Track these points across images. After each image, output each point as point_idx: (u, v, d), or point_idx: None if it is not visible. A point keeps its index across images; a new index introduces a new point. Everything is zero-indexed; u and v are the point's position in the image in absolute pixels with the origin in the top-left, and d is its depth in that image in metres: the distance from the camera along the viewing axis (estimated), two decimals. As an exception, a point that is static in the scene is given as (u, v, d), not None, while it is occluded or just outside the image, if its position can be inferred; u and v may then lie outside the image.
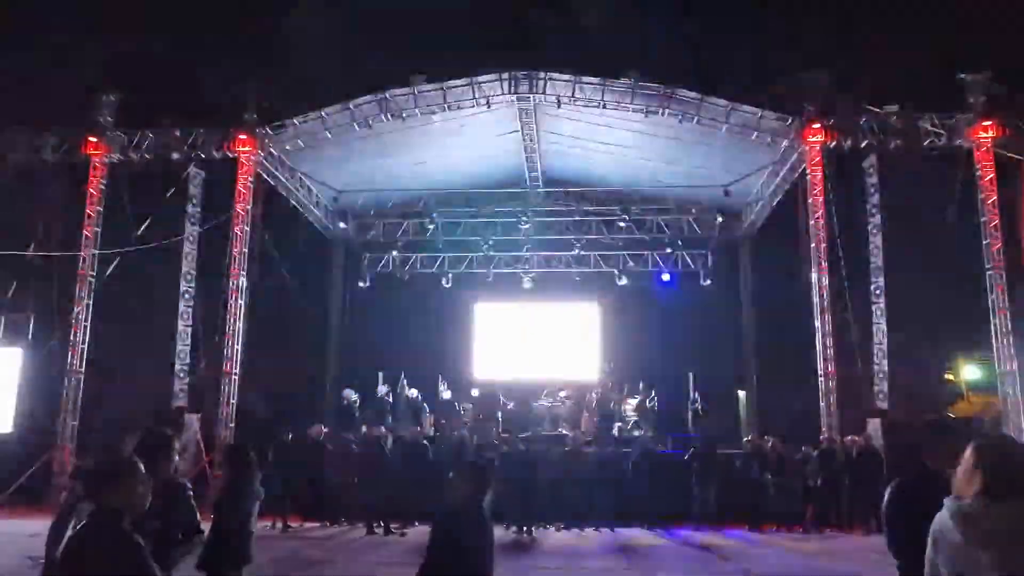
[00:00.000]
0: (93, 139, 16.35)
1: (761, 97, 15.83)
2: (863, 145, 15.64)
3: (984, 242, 14.95)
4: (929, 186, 16.13)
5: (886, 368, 16.00)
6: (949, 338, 20.08)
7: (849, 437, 13.98)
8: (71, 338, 15.97)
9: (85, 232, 16.29)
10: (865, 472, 12.56)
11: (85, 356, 16.05)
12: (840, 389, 14.98)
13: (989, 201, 14.98)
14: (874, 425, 14.75)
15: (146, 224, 16.31)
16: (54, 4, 19.20)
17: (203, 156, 16.48)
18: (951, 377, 23.54)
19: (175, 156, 16.45)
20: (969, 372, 23.37)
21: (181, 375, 16.69)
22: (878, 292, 16.33)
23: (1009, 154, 15.01)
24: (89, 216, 16.37)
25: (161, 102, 17.13)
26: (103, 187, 16.57)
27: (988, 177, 15.05)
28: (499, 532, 4.03)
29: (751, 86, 16.27)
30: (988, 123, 15.04)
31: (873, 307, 16.27)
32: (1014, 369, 14.59)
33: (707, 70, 17.05)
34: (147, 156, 16.48)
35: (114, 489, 2.90)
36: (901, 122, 15.39)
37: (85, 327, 16.08)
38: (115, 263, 16.46)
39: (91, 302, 16.23)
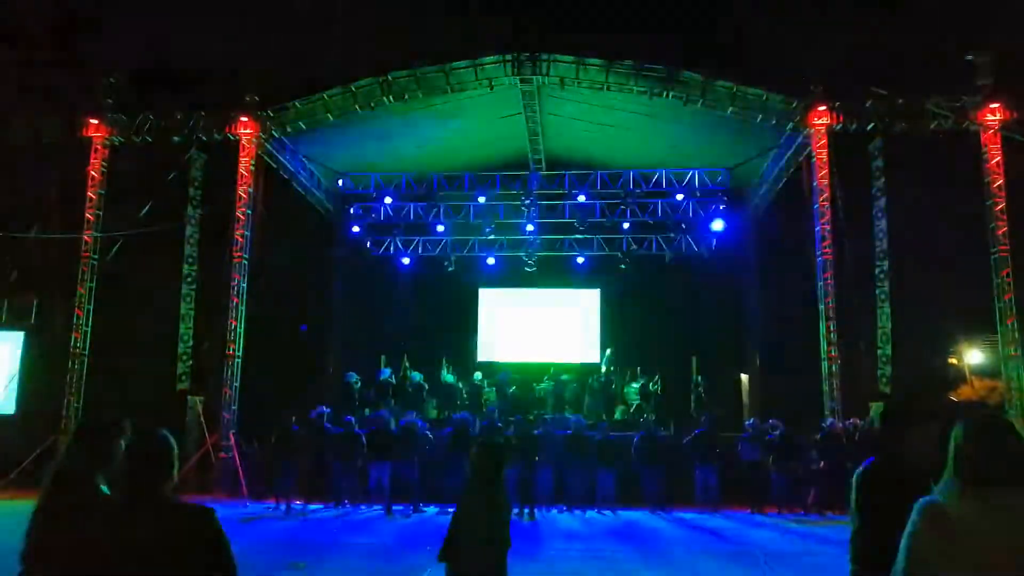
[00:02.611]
0: (94, 121, 16.28)
1: (766, 79, 15.70)
2: (869, 127, 15.52)
3: (990, 225, 14.86)
4: (935, 169, 16.04)
5: (890, 352, 15.97)
6: (953, 322, 20.08)
7: (851, 420, 13.98)
8: (74, 321, 15.99)
9: (87, 215, 16.27)
10: (867, 456, 12.53)
11: (88, 339, 16.08)
12: (843, 373, 14.95)
13: (995, 184, 14.87)
14: (877, 409, 14.74)
15: (148, 207, 16.29)
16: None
17: (204, 138, 16.42)
18: (955, 361, 23.56)
19: (176, 138, 16.40)
20: (973, 356, 23.39)
21: (184, 357, 16.73)
22: (882, 275, 16.27)
23: (1017, 137, 14.88)
24: (91, 199, 16.34)
25: (163, 84, 17.07)
26: (105, 169, 16.52)
27: (995, 160, 14.93)
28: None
29: (756, 67, 16.15)
30: (995, 105, 14.91)
31: (877, 290, 16.21)
32: (1019, 353, 14.55)
33: (712, 51, 16.90)
34: (148, 138, 16.42)
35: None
36: (907, 104, 15.25)
37: (88, 310, 16.09)
38: (117, 246, 16.45)
39: (94, 285, 16.23)
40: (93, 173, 16.37)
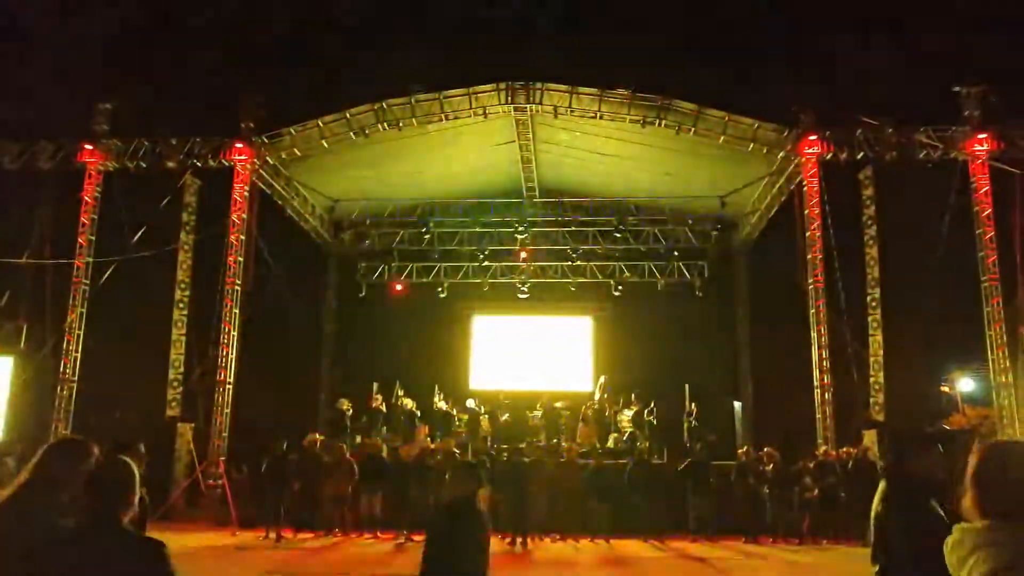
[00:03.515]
0: (89, 147, 16.32)
1: (758, 108, 15.91)
2: (859, 157, 15.69)
3: (979, 254, 14.98)
4: (925, 198, 16.19)
5: (882, 380, 15.99)
6: (945, 350, 20.14)
7: (844, 448, 13.96)
8: (64, 347, 15.88)
9: (79, 240, 16.23)
10: (861, 483, 12.50)
11: (78, 365, 15.95)
12: (836, 400, 14.96)
13: (984, 213, 15.03)
14: (870, 436, 14.73)
15: (141, 232, 16.27)
16: (52, 13, 19.22)
17: (199, 165, 16.46)
18: (947, 389, 23.62)
19: (171, 165, 16.43)
20: (964, 384, 23.46)
21: (175, 384, 16.60)
22: (874, 304, 16.35)
23: (1004, 167, 15.06)
24: (84, 224, 16.32)
25: (158, 111, 17.15)
26: (98, 195, 16.53)
27: (983, 189, 15.11)
28: (493, 542, 4.20)
29: (748, 97, 16.35)
30: (983, 136, 15.11)
31: (869, 318, 16.28)
32: (1009, 381, 14.60)
33: (704, 81, 17.11)
34: (143, 164, 16.45)
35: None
36: (896, 134, 15.45)
37: (79, 336, 15.99)
38: (110, 271, 16.39)
39: (85, 310, 16.14)
40: (86, 199, 16.37)
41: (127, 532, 2.71)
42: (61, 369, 15.77)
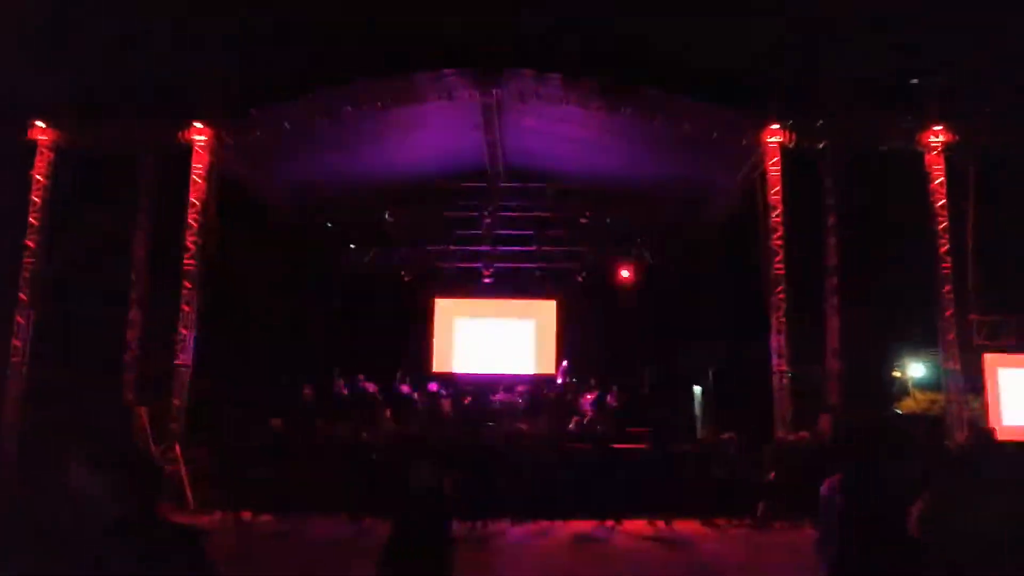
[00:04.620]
0: (41, 124, 15.84)
1: (722, 96, 16.02)
2: (820, 145, 15.93)
3: (934, 243, 15.35)
4: (883, 187, 16.53)
5: (837, 365, 16.35)
6: (899, 336, 20.67)
7: (800, 432, 14.25)
8: (14, 329, 15.45)
9: (30, 219, 15.77)
10: (815, 467, 12.77)
11: (30, 348, 15.55)
12: (793, 385, 15.25)
13: (939, 204, 15.39)
14: (826, 421, 15.05)
15: (97, 212, 15.88)
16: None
17: (159, 144, 16.09)
18: (899, 374, 24.31)
19: (129, 144, 16.02)
20: (916, 369, 24.15)
21: (132, 367, 16.31)
22: (831, 290, 16.68)
23: (959, 159, 15.43)
24: (35, 203, 15.85)
25: (116, 88, 16.65)
26: (51, 174, 16.05)
27: (938, 180, 15.45)
28: (454, 527, 4.26)
29: (713, 85, 16.45)
30: (939, 128, 15.45)
31: (826, 305, 16.60)
32: (957, 367, 15.05)
33: (670, 68, 17.15)
34: (99, 143, 16.01)
35: None
36: (856, 124, 15.71)
37: (29, 316, 15.57)
38: (64, 252, 15.99)
39: (37, 292, 15.72)
40: (38, 177, 15.90)
41: (166, 522, 2.75)
42: (11, 352, 15.36)
